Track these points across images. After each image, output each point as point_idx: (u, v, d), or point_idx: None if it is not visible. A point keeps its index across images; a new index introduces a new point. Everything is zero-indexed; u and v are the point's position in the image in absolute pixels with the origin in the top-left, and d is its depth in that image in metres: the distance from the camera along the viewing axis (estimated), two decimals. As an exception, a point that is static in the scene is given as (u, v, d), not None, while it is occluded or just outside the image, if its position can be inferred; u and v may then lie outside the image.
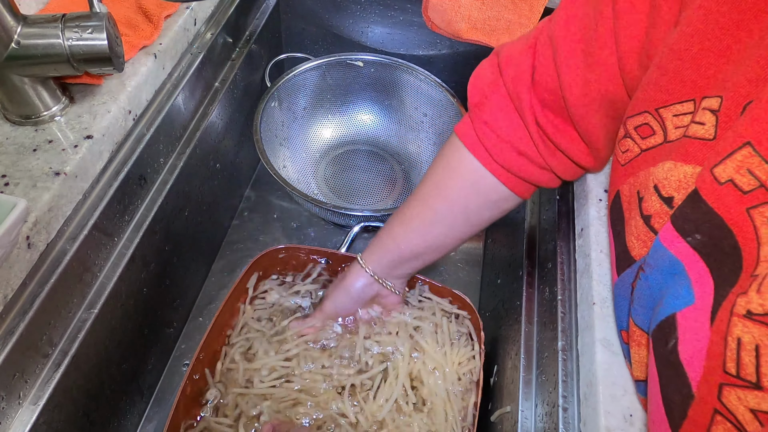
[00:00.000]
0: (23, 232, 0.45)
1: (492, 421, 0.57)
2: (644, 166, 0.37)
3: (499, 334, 0.64)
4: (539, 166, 0.48)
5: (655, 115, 0.37)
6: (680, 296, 0.31)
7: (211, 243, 0.84)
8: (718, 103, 0.32)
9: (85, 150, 0.51)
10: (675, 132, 0.35)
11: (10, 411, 0.46)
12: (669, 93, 0.36)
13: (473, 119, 0.49)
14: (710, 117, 0.32)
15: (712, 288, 0.30)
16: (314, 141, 0.95)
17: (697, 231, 0.31)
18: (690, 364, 0.29)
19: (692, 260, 0.31)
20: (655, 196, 0.35)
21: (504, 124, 0.47)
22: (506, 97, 0.47)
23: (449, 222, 0.53)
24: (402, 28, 0.91)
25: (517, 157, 0.48)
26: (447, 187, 0.52)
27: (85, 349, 0.52)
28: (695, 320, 0.30)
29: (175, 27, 0.65)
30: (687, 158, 0.33)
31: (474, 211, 0.52)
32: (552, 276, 0.53)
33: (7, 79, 0.50)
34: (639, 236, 0.37)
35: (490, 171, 0.49)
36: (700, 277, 0.31)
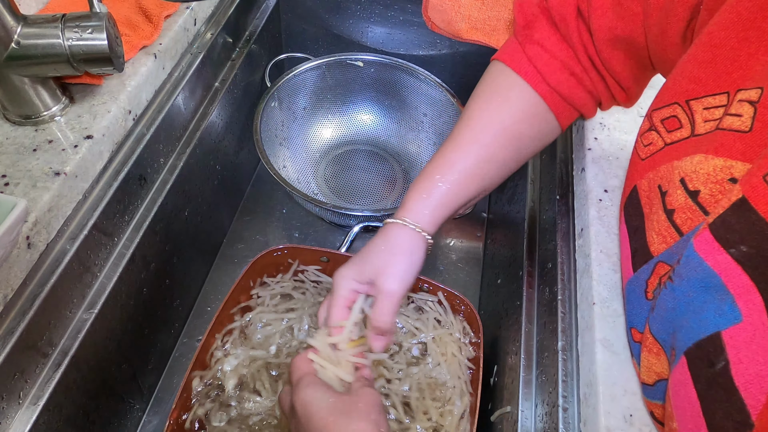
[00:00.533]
0: (23, 232, 0.45)
1: (492, 421, 0.57)
2: (666, 160, 0.36)
3: (499, 334, 0.64)
4: (585, 88, 0.48)
5: (684, 107, 0.36)
6: (723, 313, 0.29)
7: (211, 243, 0.84)
8: (758, 94, 0.31)
9: (85, 150, 0.51)
10: (704, 126, 0.34)
11: (10, 411, 0.46)
12: (702, 84, 0.34)
13: (523, 41, 0.48)
14: (748, 108, 0.31)
15: (762, 305, 0.28)
16: (314, 141, 0.95)
17: (743, 242, 0.29)
18: (747, 390, 0.27)
19: (733, 274, 0.29)
20: (680, 189, 0.33)
21: (556, 43, 0.47)
22: (553, 21, 0.47)
23: (502, 158, 0.49)
24: (402, 28, 0.91)
25: (567, 77, 0.47)
26: (498, 118, 0.48)
27: (85, 349, 0.52)
28: (751, 341, 0.27)
29: (175, 27, 0.65)
30: (719, 151, 0.32)
31: (524, 143, 0.49)
32: (552, 276, 0.53)
33: (7, 79, 0.50)
34: (660, 231, 0.35)
35: (541, 94, 0.47)
36: (744, 292, 0.28)
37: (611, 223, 0.49)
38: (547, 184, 0.64)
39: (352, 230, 0.71)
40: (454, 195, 0.49)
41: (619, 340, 0.41)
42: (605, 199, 0.51)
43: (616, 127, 0.58)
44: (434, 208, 0.49)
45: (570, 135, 0.64)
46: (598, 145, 0.56)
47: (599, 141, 0.56)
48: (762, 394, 0.26)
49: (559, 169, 0.62)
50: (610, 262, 0.46)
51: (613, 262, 0.46)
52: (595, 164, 0.54)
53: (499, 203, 0.86)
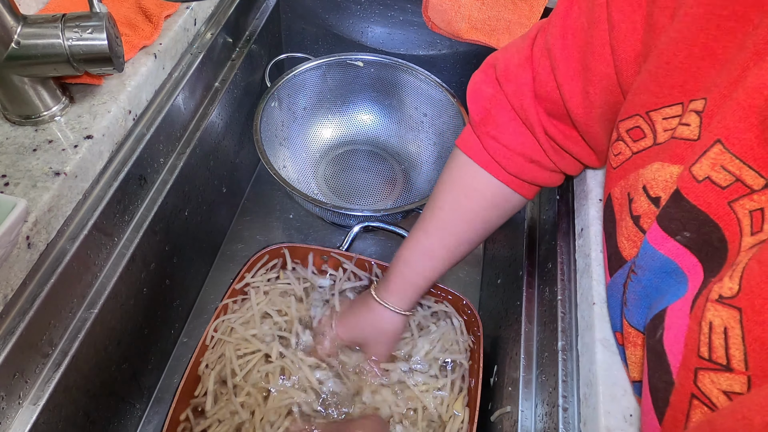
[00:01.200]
0: (23, 232, 0.45)
1: (492, 421, 0.57)
2: (634, 168, 0.38)
3: (499, 334, 0.64)
4: (549, 170, 0.49)
5: (645, 118, 0.37)
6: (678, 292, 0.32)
7: (211, 243, 0.84)
8: (702, 104, 0.33)
9: (85, 150, 0.51)
10: (664, 134, 0.36)
11: (10, 411, 0.46)
12: (658, 96, 0.36)
13: (480, 135, 0.49)
14: (695, 118, 0.33)
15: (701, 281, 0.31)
16: (314, 141, 0.95)
17: (685, 229, 0.32)
18: (672, 352, 0.30)
19: (685, 257, 0.32)
20: (643, 196, 0.36)
21: (512, 136, 0.48)
22: (510, 110, 0.47)
23: (473, 240, 0.54)
24: (402, 28, 0.91)
25: (529, 166, 0.49)
26: (467, 209, 0.52)
27: (85, 349, 0.52)
28: (679, 310, 0.31)
29: (175, 27, 0.65)
30: (674, 159, 0.34)
31: (492, 223, 0.54)
32: (552, 276, 0.53)
33: (7, 79, 0.50)
34: (629, 237, 0.37)
35: (505, 183, 0.50)
36: (694, 271, 0.31)
37: (611, 223, 0.49)
38: (547, 184, 0.64)
39: (352, 230, 0.71)
40: (430, 279, 0.56)
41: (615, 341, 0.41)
42: (605, 199, 0.51)
43: (616, 127, 0.58)
44: (414, 293, 0.57)
45: (570, 135, 0.64)
46: (598, 145, 0.56)
47: (599, 141, 0.56)
48: (679, 353, 0.30)
49: (559, 169, 0.62)
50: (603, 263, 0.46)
51: (613, 262, 0.46)
52: (595, 164, 0.54)
53: (499, 203, 0.86)
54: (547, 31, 0.45)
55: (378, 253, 0.86)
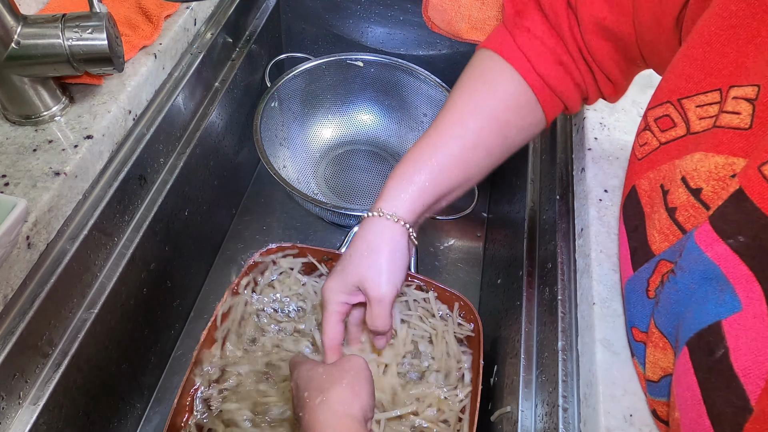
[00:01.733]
0: (23, 232, 0.45)
1: (492, 421, 0.57)
2: (666, 159, 0.36)
3: (499, 334, 0.64)
4: (573, 80, 0.47)
5: (677, 106, 0.36)
6: (724, 303, 0.30)
7: (211, 243, 0.84)
8: (755, 92, 0.31)
9: (85, 150, 0.51)
10: (699, 123, 0.34)
11: (10, 411, 0.46)
12: (693, 82, 0.35)
13: (513, 28, 0.47)
14: (746, 106, 0.31)
15: (761, 294, 0.28)
16: (314, 141, 0.95)
17: (740, 233, 0.29)
18: (747, 376, 0.28)
19: (732, 264, 0.30)
20: (682, 187, 0.34)
21: (546, 31, 0.46)
22: (543, 11, 0.46)
23: (488, 146, 0.47)
24: (402, 28, 0.91)
25: (556, 68, 0.46)
26: (485, 104, 0.46)
27: (85, 349, 0.52)
28: (750, 328, 0.28)
29: (175, 27, 0.65)
30: (719, 148, 0.32)
31: (510, 132, 0.47)
32: (552, 276, 0.53)
33: (7, 79, 0.50)
34: (662, 230, 0.35)
35: (529, 82, 0.46)
36: (744, 282, 0.29)
37: (611, 223, 0.49)
38: (547, 184, 0.64)
39: (352, 230, 0.71)
40: (436, 181, 0.46)
41: (619, 340, 0.41)
42: (605, 199, 0.51)
43: (616, 127, 0.58)
44: (414, 195, 0.46)
45: (570, 135, 0.64)
46: (598, 145, 0.56)
47: (599, 141, 0.56)
48: (761, 379, 0.27)
49: (559, 169, 0.62)
50: (610, 262, 0.46)
51: (613, 262, 0.46)
52: (595, 164, 0.54)
53: (499, 203, 0.86)
54: None
55: (378, 253, 0.86)
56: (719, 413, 0.29)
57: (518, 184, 0.74)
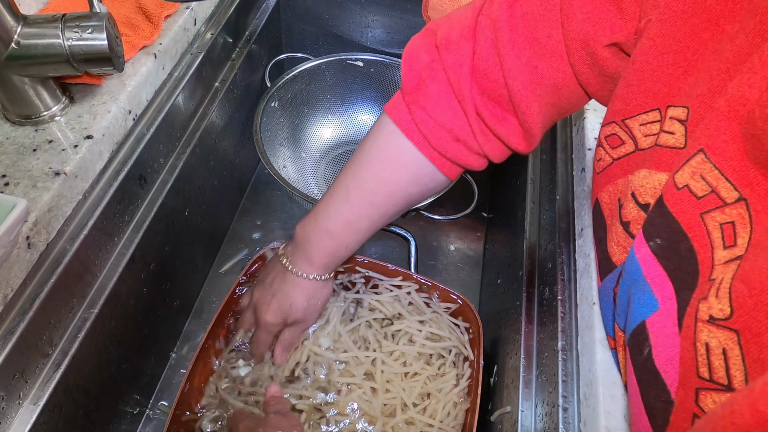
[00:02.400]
0: (23, 232, 0.45)
1: (492, 421, 0.57)
2: (621, 174, 0.38)
3: (499, 334, 0.64)
4: (474, 152, 0.47)
5: (621, 126, 0.38)
6: (644, 302, 0.32)
7: (211, 243, 0.84)
8: (685, 113, 0.33)
9: (85, 150, 0.51)
10: (645, 140, 0.36)
11: (10, 411, 0.46)
12: (633, 104, 0.37)
13: (410, 104, 0.47)
14: (679, 126, 0.33)
15: (673, 293, 0.30)
16: (314, 141, 0.95)
17: (658, 236, 0.32)
18: (666, 371, 0.30)
19: (651, 265, 0.32)
20: (632, 203, 0.36)
21: (442, 110, 0.46)
22: (445, 83, 0.45)
23: (392, 213, 0.53)
24: (402, 28, 0.91)
25: (455, 144, 0.47)
26: (392, 184, 0.51)
27: (85, 349, 0.52)
28: (663, 326, 0.30)
29: (175, 27, 0.65)
30: (660, 166, 0.34)
31: (413, 199, 0.53)
32: (552, 276, 0.53)
33: (7, 79, 0.50)
34: (619, 242, 0.37)
35: (429, 158, 0.48)
36: (660, 281, 0.31)
37: (611, 223, 0.49)
38: (547, 184, 0.64)
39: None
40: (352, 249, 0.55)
41: (619, 340, 0.41)
42: (605, 199, 0.51)
43: (616, 127, 0.58)
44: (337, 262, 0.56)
45: (570, 135, 0.64)
46: (598, 145, 0.56)
47: (599, 141, 0.56)
48: (675, 373, 0.29)
49: (559, 169, 0.62)
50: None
51: (613, 262, 0.46)
52: (595, 164, 0.54)
53: (499, 203, 0.86)
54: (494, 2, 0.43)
55: (378, 253, 0.86)
56: (652, 408, 0.31)
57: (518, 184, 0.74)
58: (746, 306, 0.26)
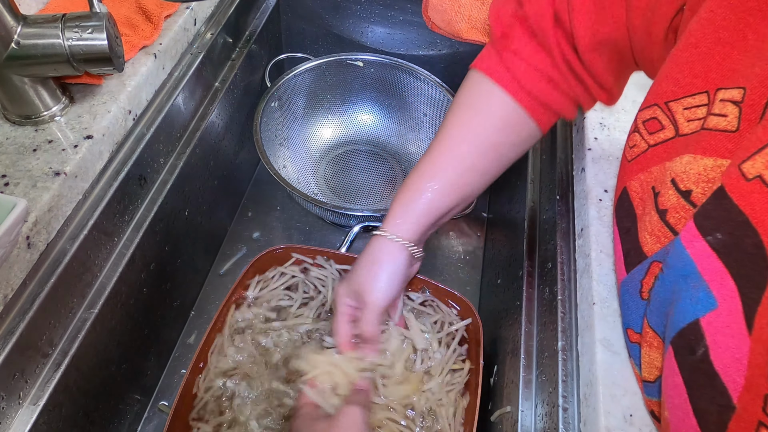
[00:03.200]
0: (23, 232, 0.45)
1: (492, 421, 0.57)
2: (656, 161, 0.37)
3: (499, 334, 0.64)
4: (564, 93, 0.48)
5: (664, 109, 0.36)
6: (699, 300, 0.30)
7: (211, 243, 0.84)
8: (741, 94, 0.31)
9: (85, 150, 0.51)
10: (688, 125, 0.35)
11: (10, 411, 0.46)
12: (680, 85, 0.35)
13: (500, 50, 0.48)
14: (732, 108, 0.31)
15: (735, 291, 0.28)
16: (314, 141, 0.95)
17: (718, 229, 0.30)
18: (727, 374, 0.28)
19: (708, 261, 0.30)
20: (672, 190, 0.34)
21: (533, 52, 0.47)
22: (530, 30, 0.47)
23: (482, 167, 0.50)
24: (402, 28, 0.91)
25: (546, 84, 0.47)
26: (477, 129, 0.49)
27: (85, 349, 0.52)
28: (727, 326, 0.28)
29: (175, 27, 0.65)
30: (707, 151, 0.32)
31: (504, 151, 0.50)
32: (552, 276, 0.53)
33: (7, 79, 0.50)
34: (653, 232, 0.36)
35: (519, 102, 0.47)
36: (719, 278, 0.29)
37: (611, 223, 0.49)
38: (547, 184, 0.64)
39: (352, 230, 0.71)
40: (435, 205, 0.50)
41: (619, 340, 0.41)
42: (605, 199, 0.51)
43: (616, 127, 0.58)
44: (416, 218, 0.50)
45: (570, 135, 0.64)
46: (598, 145, 0.56)
47: (599, 141, 0.56)
48: (740, 377, 0.27)
49: (559, 169, 0.62)
50: (610, 262, 0.46)
51: (612, 262, 0.46)
52: (595, 164, 0.54)
53: (499, 203, 0.86)
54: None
55: (378, 253, 0.86)
56: (704, 412, 0.29)
57: (518, 184, 0.74)
58: None
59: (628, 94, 0.61)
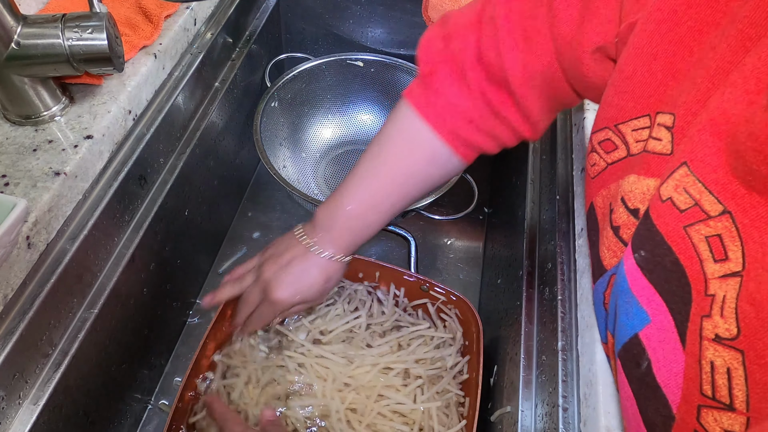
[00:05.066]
0: (23, 232, 0.45)
1: (492, 421, 0.57)
2: (613, 178, 0.39)
3: (499, 334, 0.64)
4: (486, 133, 0.49)
5: (615, 131, 0.38)
6: (633, 314, 0.32)
7: (211, 243, 0.84)
8: (672, 120, 0.33)
9: (85, 150, 0.51)
10: (636, 146, 0.37)
11: (10, 411, 0.46)
12: (624, 110, 0.37)
13: (425, 87, 0.50)
14: (666, 133, 0.34)
15: (664, 306, 0.30)
16: (314, 141, 0.95)
17: (643, 247, 0.32)
18: (668, 386, 0.30)
19: (636, 277, 0.32)
20: (622, 207, 0.36)
21: (454, 94, 0.49)
22: (455, 69, 0.48)
23: (414, 195, 0.54)
24: (402, 28, 0.91)
25: (467, 125, 0.49)
26: (411, 166, 0.52)
27: (85, 349, 0.52)
28: (663, 341, 0.30)
29: (175, 27, 0.65)
30: (648, 171, 0.34)
31: (433, 181, 0.54)
32: (552, 276, 0.53)
33: (7, 79, 0.50)
34: (610, 247, 0.38)
35: (444, 139, 0.50)
36: (647, 294, 0.31)
37: (611, 223, 0.49)
38: (547, 184, 0.64)
39: (352, 230, 0.71)
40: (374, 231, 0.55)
41: (619, 340, 0.41)
42: (605, 199, 0.51)
43: (616, 127, 0.57)
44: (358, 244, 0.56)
45: (570, 135, 0.64)
46: (598, 145, 0.56)
47: (599, 141, 0.56)
48: (678, 388, 0.29)
49: (559, 169, 0.62)
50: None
51: (613, 262, 0.46)
52: (595, 164, 0.54)
53: (499, 203, 0.86)
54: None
55: (378, 253, 0.86)
56: (651, 422, 0.31)
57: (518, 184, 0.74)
58: (753, 327, 0.26)
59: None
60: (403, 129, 0.52)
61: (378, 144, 0.53)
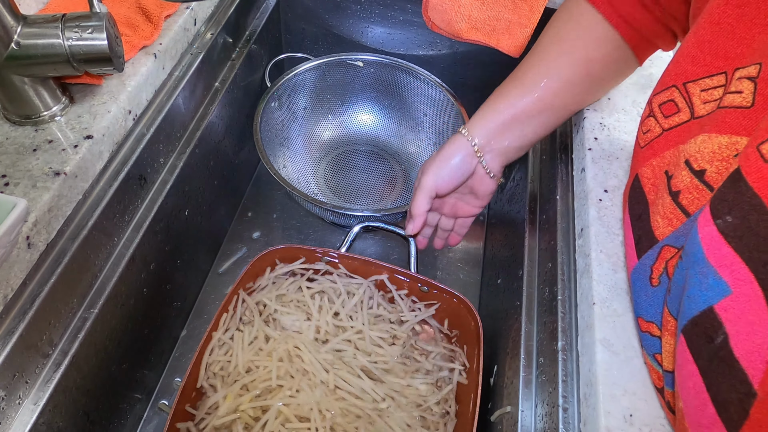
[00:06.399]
0: (23, 232, 0.45)
1: (492, 421, 0.57)
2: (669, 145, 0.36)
3: (499, 334, 0.64)
4: (657, 19, 0.47)
5: (681, 91, 0.36)
6: (708, 287, 0.29)
7: (211, 243, 0.84)
8: (757, 70, 0.31)
9: (85, 150, 0.52)
10: (704, 107, 0.34)
11: (10, 411, 0.46)
12: (700, 65, 0.35)
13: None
14: (748, 84, 0.31)
15: (750, 276, 0.28)
16: (314, 141, 0.95)
17: (730, 213, 0.29)
18: (748, 360, 0.27)
19: (716, 245, 0.29)
20: (686, 170, 0.33)
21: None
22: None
23: (568, 76, 0.50)
24: (402, 28, 0.91)
25: (638, 8, 0.46)
26: (567, 37, 0.49)
27: (85, 349, 0.52)
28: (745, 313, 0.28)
29: (175, 27, 0.65)
30: (722, 128, 0.32)
31: (596, 66, 0.50)
32: (552, 276, 0.53)
33: (7, 79, 0.50)
34: (665, 215, 0.35)
35: (612, 23, 0.47)
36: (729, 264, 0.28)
37: (611, 223, 0.49)
38: (547, 184, 0.64)
39: (352, 230, 0.71)
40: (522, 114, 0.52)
41: (619, 340, 0.41)
42: (605, 199, 0.51)
43: (616, 127, 0.58)
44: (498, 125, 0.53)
45: (570, 135, 0.64)
46: (598, 145, 0.56)
47: (599, 141, 0.56)
48: (762, 362, 0.27)
49: (559, 169, 0.62)
50: (610, 262, 0.46)
51: (613, 262, 0.46)
52: (595, 164, 0.54)
53: (499, 203, 0.86)
54: None
55: (378, 253, 0.86)
56: (724, 400, 0.28)
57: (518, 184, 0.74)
58: None
59: (628, 93, 0.61)
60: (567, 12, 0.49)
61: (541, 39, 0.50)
